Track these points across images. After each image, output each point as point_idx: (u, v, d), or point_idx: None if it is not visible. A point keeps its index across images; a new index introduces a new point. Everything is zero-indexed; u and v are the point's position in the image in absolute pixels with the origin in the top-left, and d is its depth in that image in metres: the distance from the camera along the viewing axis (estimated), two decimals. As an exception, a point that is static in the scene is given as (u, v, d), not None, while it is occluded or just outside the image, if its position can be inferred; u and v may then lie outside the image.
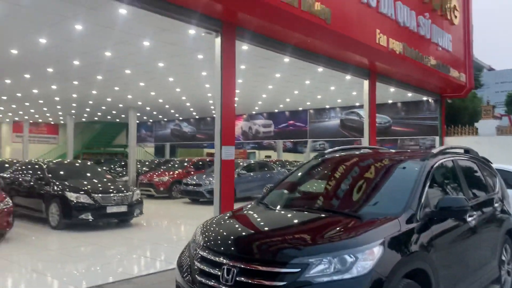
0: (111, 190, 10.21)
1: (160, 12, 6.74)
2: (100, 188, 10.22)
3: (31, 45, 9.29)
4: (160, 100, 18.38)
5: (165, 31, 8.34)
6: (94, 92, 16.26)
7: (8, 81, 14.08)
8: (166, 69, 11.72)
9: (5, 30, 8.37)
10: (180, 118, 26.40)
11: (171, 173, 18.03)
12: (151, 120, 28.19)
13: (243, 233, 3.66)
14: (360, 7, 9.16)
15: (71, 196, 9.65)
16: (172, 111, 22.62)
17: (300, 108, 21.11)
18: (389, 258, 3.13)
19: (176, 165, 19.19)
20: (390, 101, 18.33)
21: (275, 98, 17.57)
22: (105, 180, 11.16)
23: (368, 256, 3.04)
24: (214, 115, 7.65)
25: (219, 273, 3.22)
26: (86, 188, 9.98)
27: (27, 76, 13.02)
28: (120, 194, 10.20)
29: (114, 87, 15.08)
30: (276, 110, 22.15)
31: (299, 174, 4.95)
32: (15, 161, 15.24)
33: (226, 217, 4.03)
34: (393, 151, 5.54)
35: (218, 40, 7.51)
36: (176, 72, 12.28)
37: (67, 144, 26.10)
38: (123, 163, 22.99)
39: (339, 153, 5.08)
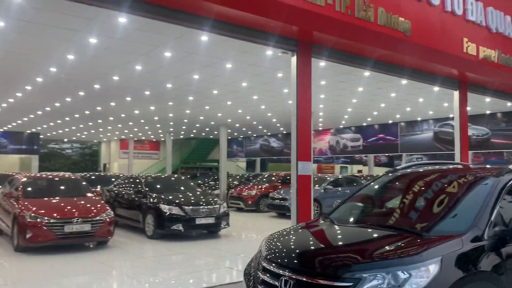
0: (200, 203, 10.89)
1: (239, 37, 7.17)
2: (191, 201, 10.93)
3: (129, 72, 10.42)
4: (248, 117, 19.10)
5: (245, 54, 8.83)
6: (187, 111, 17.48)
7: (113, 104, 15.78)
8: (249, 88, 12.29)
9: (106, 60, 9.52)
10: (268, 134, 27.04)
11: (259, 187, 18.55)
12: (241, 136, 29.23)
13: (300, 247, 3.82)
14: (444, 17, 8.80)
15: (165, 208, 10.44)
16: (260, 127, 23.30)
17: (390, 121, 20.47)
18: (446, 276, 3.08)
19: (264, 180, 19.70)
20: (488, 112, 17.04)
21: (362, 111, 17.31)
22: (195, 193, 11.92)
23: (423, 274, 3.03)
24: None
25: (278, 284, 3.41)
26: (178, 200, 10.74)
27: (128, 99, 14.49)
28: (209, 206, 10.82)
29: (205, 106, 16.09)
30: (364, 124, 21.72)
31: (368, 190, 4.96)
32: (121, 175, 16.85)
33: (288, 232, 4.22)
34: (472, 166, 5.28)
35: (293, 59, 7.75)
36: (259, 91, 12.79)
37: (166, 159, 28.10)
38: (216, 177, 24.13)
39: (410, 169, 4.99)
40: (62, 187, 10.62)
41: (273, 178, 19.30)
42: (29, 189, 9.90)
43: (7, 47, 8.51)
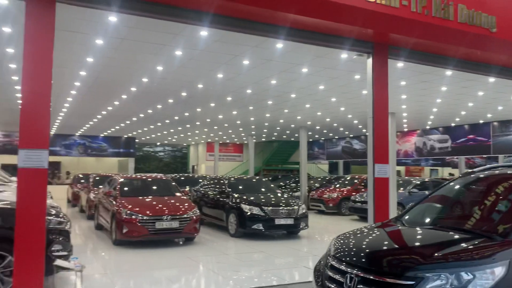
0: (279, 204, 11.23)
1: (314, 43, 7.32)
2: (270, 202, 11.32)
3: (212, 79, 11.07)
4: (328, 119, 19.09)
5: (320, 58, 8.99)
6: (267, 115, 17.94)
7: (199, 110, 16.72)
8: (327, 91, 12.37)
9: (191, 70, 10.24)
10: (350, 136, 26.64)
11: (341, 189, 18.45)
12: (323, 138, 29.13)
13: (367, 247, 3.94)
14: (537, 8, 8.21)
15: (246, 208, 10.93)
16: (341, 129, 23.09)
17: (481, 121, 19.18)
18: (514, 280, 3.04)
19: (346, 182, 19.54)
20: None
21: (448, 111, 16.47)
22: (275, 194, 12.30)
23: (489, 276, 3.03)
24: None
25: (343, 281, 3.59)
26: (258, 201, 11.18)
27: (212, 104, 15.28)
28: (288, 207, 11.12)
29: (284, 110, 16.42)
30: (452, 124, 20.58)
31: (442, 192, 4.90)
32: (207, 176, 17.80)
33: (356, 232, 4.35)
34: None
35: (369, 61, 7.74)
36: (337, 93, 12.80)
37: (249, 162, 28.93)
38: (297, 179, 24.36)
39: (484, 171, 4.84)
40: (154, 187, 11.58)
41: (355, 181, 19.07)
42: (125, 188, 10.93)
43: (105, 62, 9.56)
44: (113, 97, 14.14)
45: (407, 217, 4.57)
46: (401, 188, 16.17)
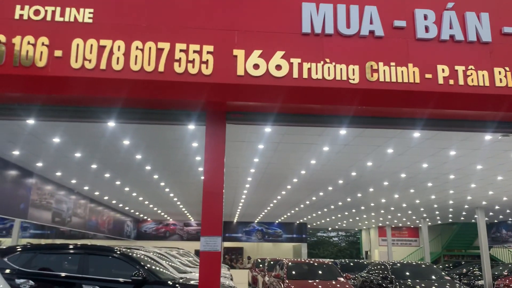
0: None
1: (452, 129, 7.60)
2: (437, 289, 10.96)
3: (362, 167, 11.89)
4: (504, 198, 17.45)
5: (465, 141, 9.08)
6: (433, 196, 17.41)
7: (359, 195, 17.32)
8: (487, 170, 11.82)
9: (341, 161, 11.31)
10: (544, 215, 23.26)
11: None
12: (510, 219, 25.95)
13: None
14: None
15: (408, 295, 10.82)
16: (528, 208, 20.58)
17: None
18: None
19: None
20: None
21: None
22: (445, 281, 11.81)
23: None
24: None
25: None
26: (423, 288, 10.95)
27: (371, 189, 15.78)
28: (456, 296, 10.60)
29: (449, 191, 15.82)
30: None
31: None
32: (374, 262, 17.78)
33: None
34: None
35: (514, 140, 7.65)
36: (500, 171, 12.04)
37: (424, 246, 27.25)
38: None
39: None
40: (318, 271, 12.39)
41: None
42: (292, 272, 12.02)
43: (268, 160, 11.38)
44: (279, 187, 15.90)
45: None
46: None
